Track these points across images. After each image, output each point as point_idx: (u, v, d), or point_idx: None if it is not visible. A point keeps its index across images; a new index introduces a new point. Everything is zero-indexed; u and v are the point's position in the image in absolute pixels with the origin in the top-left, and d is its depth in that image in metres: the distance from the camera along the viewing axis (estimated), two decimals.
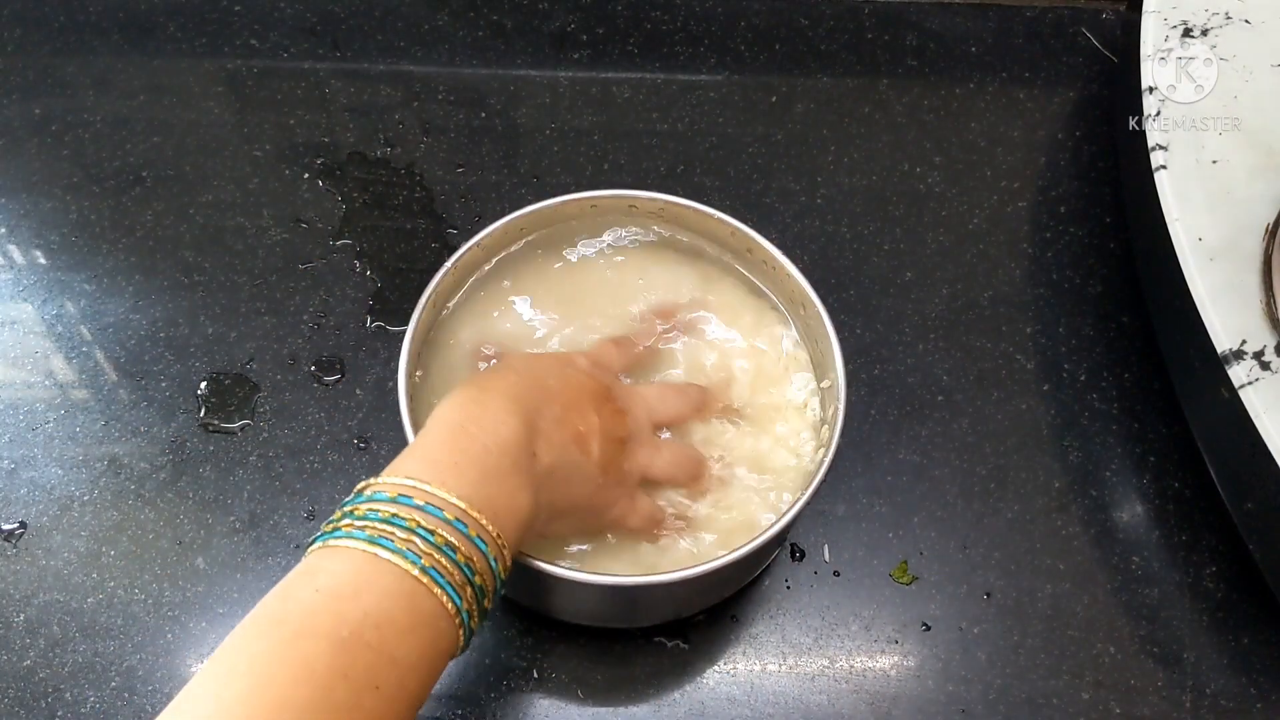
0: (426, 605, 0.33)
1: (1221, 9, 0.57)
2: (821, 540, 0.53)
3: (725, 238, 0.51)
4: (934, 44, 0.71)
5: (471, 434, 0.37)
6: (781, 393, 0.49)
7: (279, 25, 0.70)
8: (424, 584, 0.33)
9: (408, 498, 0.34)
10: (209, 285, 0.60)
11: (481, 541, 0.35)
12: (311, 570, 0.33)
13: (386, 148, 0.65)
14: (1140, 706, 0.49)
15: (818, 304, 0.47)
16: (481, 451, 0.37)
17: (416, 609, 0.33)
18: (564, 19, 0.71)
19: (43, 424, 0.55)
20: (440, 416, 0.38)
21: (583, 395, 0.42)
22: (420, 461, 0.36)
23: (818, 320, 0.47)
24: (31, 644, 0.49)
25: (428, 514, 0.34)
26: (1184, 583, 0.52)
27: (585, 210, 0.51)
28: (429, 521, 0.34)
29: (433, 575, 0.33)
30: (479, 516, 0.35)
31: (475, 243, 0.48)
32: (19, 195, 0.63)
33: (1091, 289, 0.61)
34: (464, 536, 0.34)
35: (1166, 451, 0.56)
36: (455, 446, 0.37)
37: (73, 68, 0.67)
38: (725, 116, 0.67)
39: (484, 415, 0.38)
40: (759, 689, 0.49)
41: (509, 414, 0.38)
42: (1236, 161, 0.52)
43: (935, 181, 0.65)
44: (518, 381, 0.40)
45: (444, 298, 0.49)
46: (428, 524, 0.34)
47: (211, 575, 0.51)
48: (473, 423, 0.37)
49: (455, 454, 0.36)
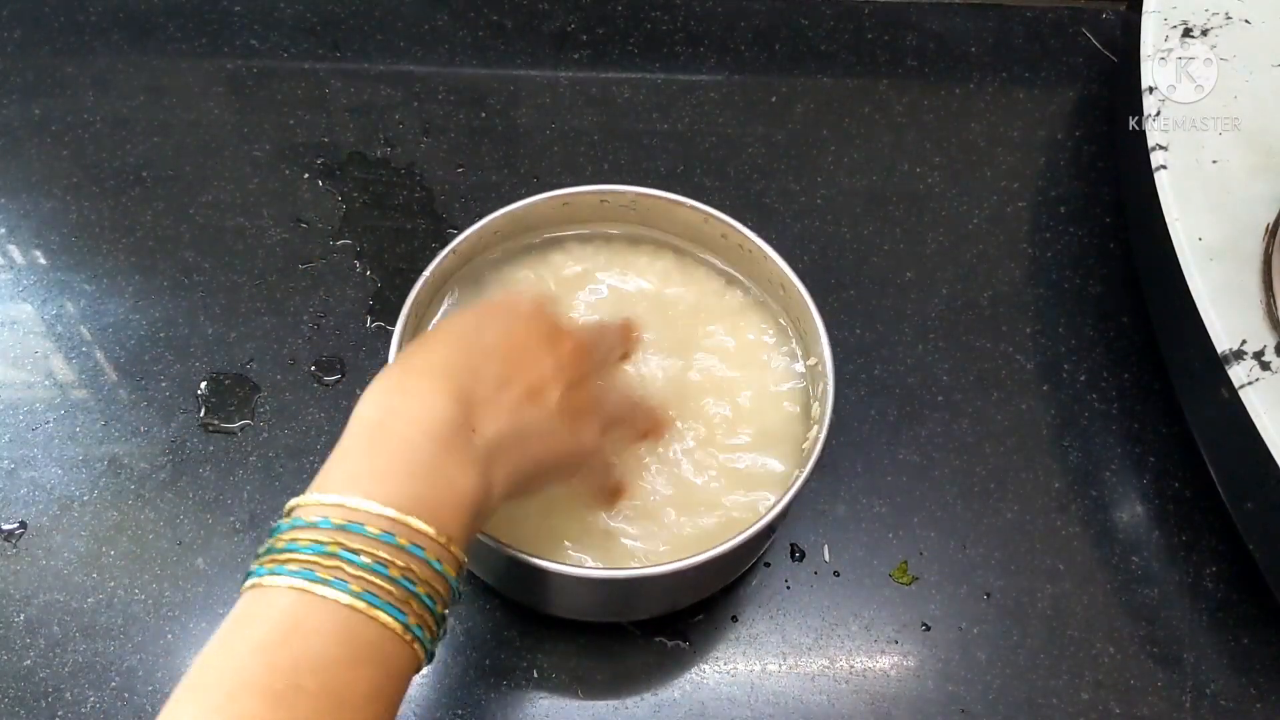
0: (368, 633, 0.31)
1: (1221, 9, 0.57)
2: (821, 540, 0.53)
3: (699, 226, 0.51)
4: (934, 44, 0.71)
5: (390, 429, 0.34)
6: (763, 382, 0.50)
7: (279, 25, 0.70)
8: (360, 610, 0.31)
9: (327, 520, 0.32)
10: (209, 285, 0.60)
11: (417, 548, 0.32)
12: (241, 619, 0.31)
13: (386, 148, 0.65)
14: (1140, 706, 0.49)
15: (797, 283, 0.48)
16: (403, 446, 0.34)
17: (356, 641, 0.31)
18: (564, 19, 0.71)
19: (43, 424, 0.55)
20: (357, 415, 0.35)
21: (530, 340, 0.39)
22: (339, 474, 0.34)
23: (799, 300, 0.47)
24: (31, 644, 0.49)
25: (351, 533, 0.32)
26: (1184, 583, 0.52)
27: (557, 209, 0.51)
28: (354, 541, 0.31)
29: (368, 599, 0.31)
30: (409, 519, 0.32)
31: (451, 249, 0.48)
32: (19, 195, 0.63)
33: (1091, 289, 0.61)
34: (396, 548, 0.32)
35: (1166, 451, 0.56)
36: (373, 448, 0.34)
37: (73, 68, 0.67)
38: (725, 116, 0.67)
39: (405, 403, 0.35)
40: (759, 689, 0.49)
41: (436, 394, 0.35)
42: (1236, 161, 0.52)
43: (935, 181, 0.65)
44: (446, 352, 0.37)
45: (422, 308, 0.49)
46: (352, 545, 0.31)
47: (211, 575, 0.51)
48: (392, 415, 0.35)
49: (373, 458, 0.34)
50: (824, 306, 0.48)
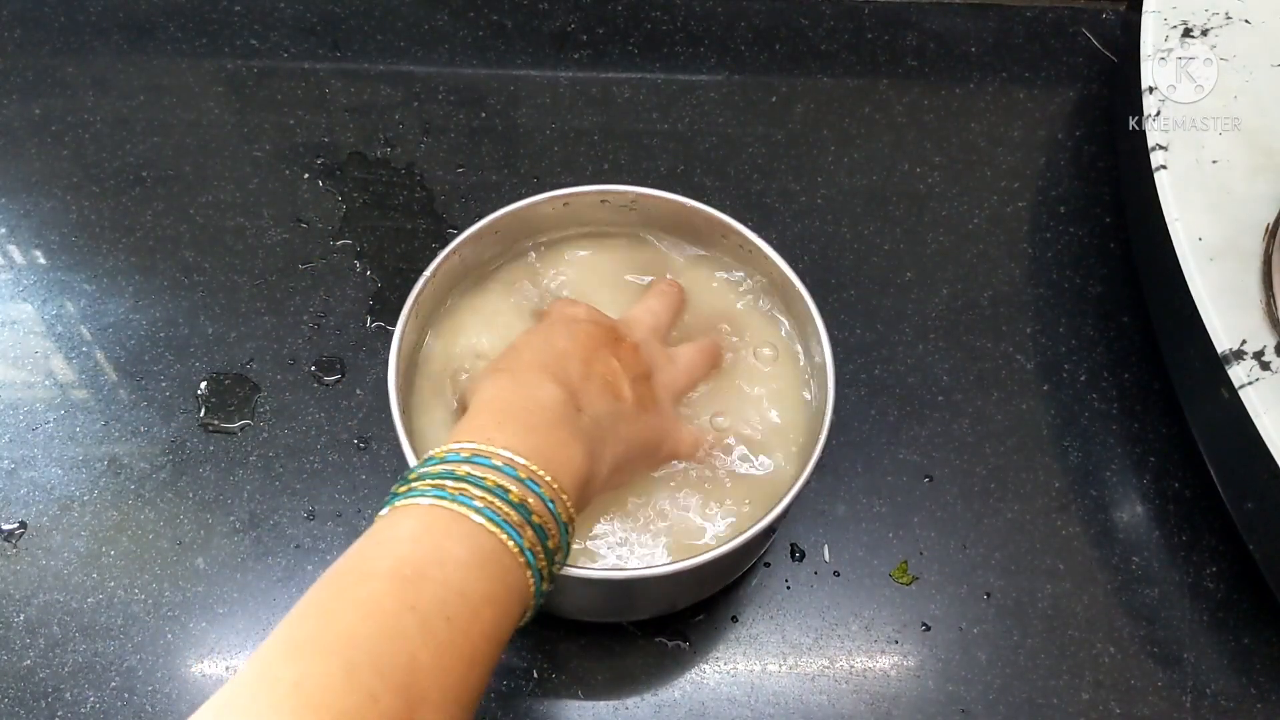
0: (487, 544, 0.34)
1: (1221, 9, 0.57)
2: (821, 540, 0.53)
3: (699, 226, 0.51)
4: (934, 44, 0.71)
5: (512, 404, 0.38)
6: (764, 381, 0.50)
7: (279, 25, 0.70)
8: (480, 524, 0.34)
9: (455, 455, 0.36)
10: (209, 285, 0.60)
11: (534, 484, 0.36)
12: (373, 531, 0.35)
13: (386, 148, 0.65)
14: (1140, 706, 0.49)
15: (797, 283, 0.48)
16: (524, 415, 0.38)
17: (478, 547, 0.34)
18: (564, 19, 0.71)
19: (43, 424, 0.55)
20: (478, 399, 0.39)
21: (594, 344, 0.43)
22: (467, 431, 0.37)
23: (799, 300, 0.47)
24: (31, 644, 0.49)
25: (476, 464, 0.35)
26: (1184, 583, 0.52)
27: (557, 209, 0.51)
28: (479, 470, 0.35)
29: (488, 515, 0.34)
30: (528, 462, 0.36)
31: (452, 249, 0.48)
32: (19, 195, 0.63)
33: (1091, 289, 0.61)
34: (514, 479, 0.35)
35: (1166, 451, 0.56)
36: (497, 415, 0.38)
37: (73, 68, 0.67)
38: (725, 116, 0.67)
39: (520, 389, 0.39)
40: (759, 689, 0.49)
41: (543, 381, 0.39)
42: (1236, 161, 0.52)
43: (935, 181, 0.65)
44: (534, 354, 0.41)
45: (425, 308, 0.49)
46: (479, 472, 0.35)
47: (211, 575, 0.51)
48: (512, 395, 0.39)
49: (499, 419, 0.38)
50: (824, 306, 0.48)
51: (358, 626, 0.31)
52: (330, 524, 0.53)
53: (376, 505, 0.53)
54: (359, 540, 0.34)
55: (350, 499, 0.53)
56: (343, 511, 0.53)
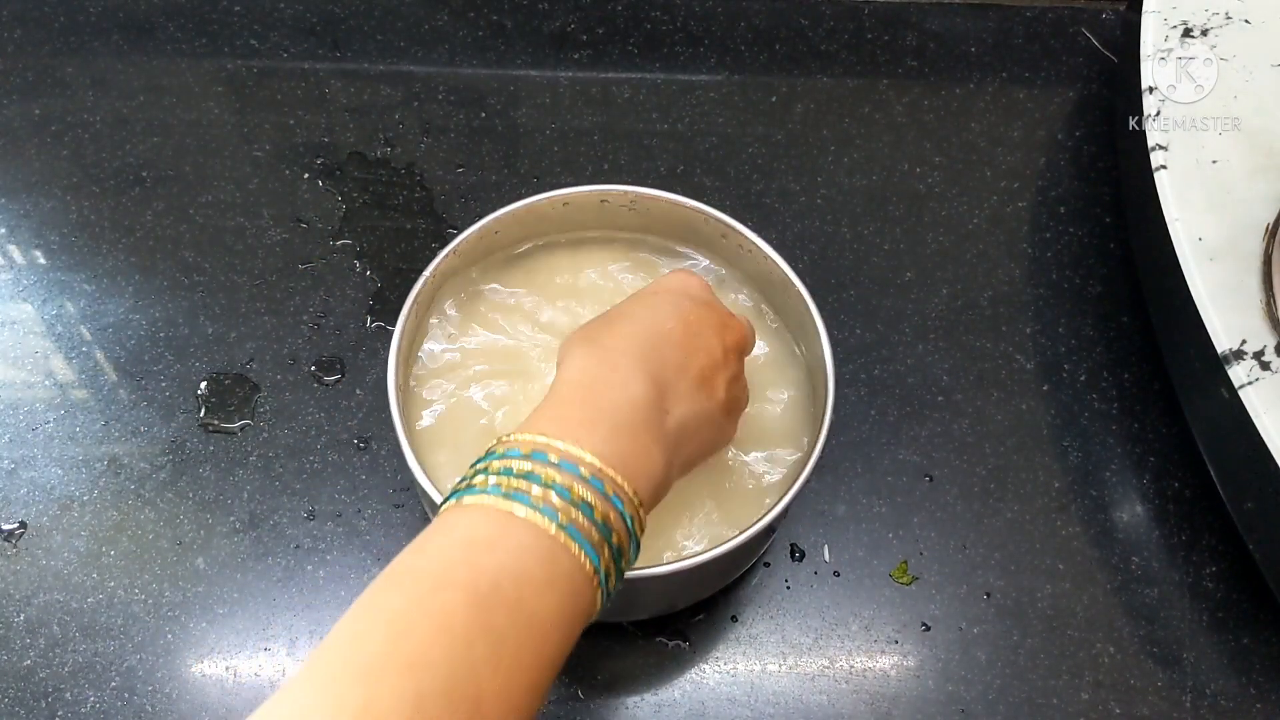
0: (564, 563, 0.32)
1: (1221, 9, 0.57)
2: (821, 540, 0.53)
3: (699, 226, 0.51)
4: (934, 44, 0.71)
5: (599, 393, 0.36)
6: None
7: (279, 25, 0.70)
8: (561, 542, 0.32)
9: (542, 454, 0.33)
10: (209, 285, 0.60)
11: (618, 499, 0.33)
12: (446, 525, 0.32)
13: (386, 148, 0.65)
14: (1140, 706, 0.49)
15: (797, 283, 0.48)
16: (611, 410, 0.36)
17: (554, 566, 0.31)
18: (564, 19, 0.71)
19: (43, 424, 0.55)
20: (567, 377, 0.37)
21: (704, 330, 0.41)
22: (552, 420, 0.35)
23: (799, 300, 0.47)
24: (31, 644, 0.49)
25: (563, 470, 0.33)
26: (1184, 583, 0.52)
27: (557, 209, 0.51)
28: (565, 478, 0.33)
29: (570, 532, 0.32)
30: (614, 474, 0.34)
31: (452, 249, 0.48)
32: (19, 195, 0.63)
33: (1091, 289, 0.61)
34: (599, 494, 0.33)
35: (1166, 451, 0.56)
36: (586, 403, 0.36)
37: (73, 68, 0.67)
38: (725, 116, 0.67)
39: (612, 375, 0.37)
40: (759, 689, 0.49)
41: (636, 372, 0.37)
42: (1236, 161, 0.52)
43: (935, 181, 0.65)
44: (637, 334, 0.39)
45: (422, 308, 0.49)
46: (564, 480, 0.33)
47: (211, 575, 0.51)
48: (600, 383, 0.37)
49: (588, 410, 0.35)
50: (824, 306, 0.48)
51: (431, 648, 0.29)
52: (330, 524, 0.53)
53: (377, 505, 0.53)
54: (433, 533, 0.32)
55: (350, 499, 0.53)
56: (342, 511, 0.53)
